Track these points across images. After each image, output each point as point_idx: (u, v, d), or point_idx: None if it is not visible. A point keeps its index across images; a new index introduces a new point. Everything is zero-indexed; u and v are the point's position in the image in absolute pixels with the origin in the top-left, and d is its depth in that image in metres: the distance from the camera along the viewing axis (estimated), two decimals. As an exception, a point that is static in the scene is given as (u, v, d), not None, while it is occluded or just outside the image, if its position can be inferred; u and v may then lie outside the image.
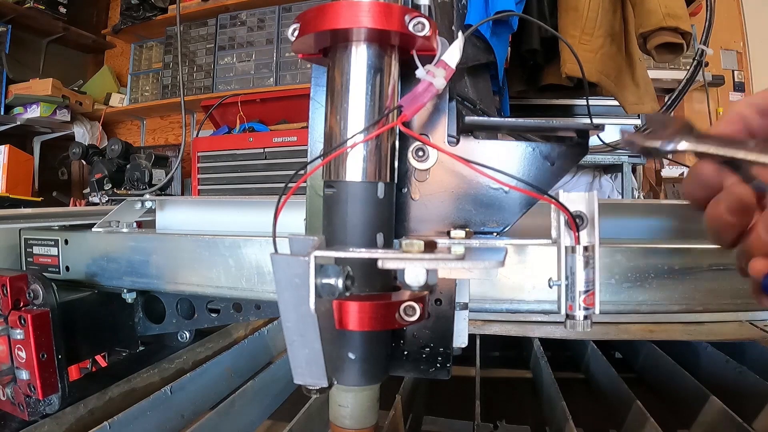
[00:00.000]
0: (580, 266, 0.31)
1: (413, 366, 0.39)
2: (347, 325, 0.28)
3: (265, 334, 0.84)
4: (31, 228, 0.71)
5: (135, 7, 2.70)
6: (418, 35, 0.31)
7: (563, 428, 0.52)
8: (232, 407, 0.60)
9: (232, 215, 0.70)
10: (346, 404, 0.35)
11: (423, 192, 0.39)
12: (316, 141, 0.39)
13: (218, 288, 0.58)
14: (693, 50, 1.08)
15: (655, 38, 1.04)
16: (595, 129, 0.37)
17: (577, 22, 1.13)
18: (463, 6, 0.60)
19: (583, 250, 0.31)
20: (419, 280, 0.26)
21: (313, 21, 0.31)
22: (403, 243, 0.25)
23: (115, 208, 0.71)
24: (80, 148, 2.08)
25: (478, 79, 0.71)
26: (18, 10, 2.50)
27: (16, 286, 0.53)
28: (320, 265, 0.24)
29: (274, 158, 1.91)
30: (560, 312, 0.32)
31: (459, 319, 0.39)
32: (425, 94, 0.33)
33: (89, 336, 0.65)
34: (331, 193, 0.33)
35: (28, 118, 2.52)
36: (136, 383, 0.65)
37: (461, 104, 0.44)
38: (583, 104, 1.73)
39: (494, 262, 0.26)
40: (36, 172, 2.61)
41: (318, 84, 0.40)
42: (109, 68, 3.03)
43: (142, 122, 3.05)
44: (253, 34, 2.50)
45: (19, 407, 0.54)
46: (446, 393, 0.77)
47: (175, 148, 2.85)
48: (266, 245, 0.55)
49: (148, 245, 0.62)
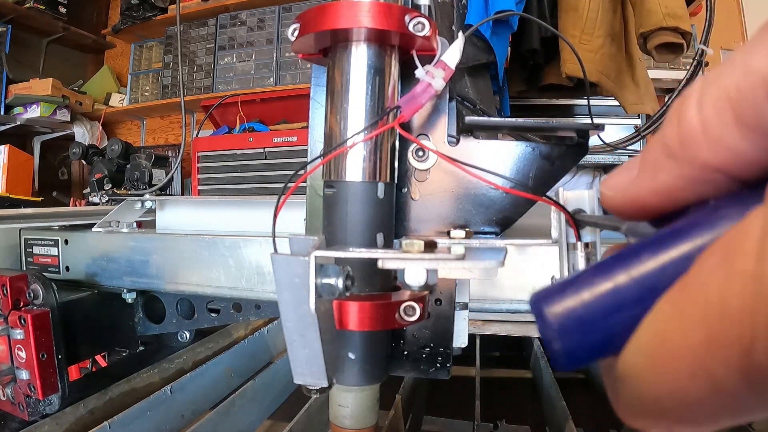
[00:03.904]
0: (582, 264, 0.31)
1: (413, 366, 0.39)
2: (347, 325, 0.28)
3: (265, 334, 0.84)
4: (31, 228, 0.71)
5: (135, 7, 2.70)
6: (418, 35, 0.31)
7: (563, 428, 0.52)
8: (232, 407, 0.60)
9: (232, 215, 0.70)
10: (346, 404, 0.35)
11: (423, 192, 0.39)
12: (316, 141, 0.39)
13: (218, 288, 0.58)
14: (693, 50, 1.08)
15: (655, 38, 1.04)
16: (595, 129, 0.37)
17: (577, 22, 1.13)
18: (463, 6, 0.60)
19: (584, 246, 0.31)
20: (419, 280, 0.26)
21: (313, 21, 0.31)
22: (403, 243, 0.25)
23: (115, 208, 0.71)
24: (80, 148, 2.08)
25: (479, 79, 0.71)
26: (18, 10, 2.50)
27: (16, 286, 0.53)
28: (320, 265, 0.24)
29: (274, 158, 1.91)
30: None
31: (459, 319, 0.39)
32: (424, 94, 0.33)
33: (89, 336, 0.65)
34: (331, 193, 0.33)
35: (28, 118, 2.52)
36: (136, 383, 0.65)
37: (461, 104, 0.44)
38: (583, 104, 1.73)
39: (494, 262, 0.26)
40: (36, 172, 2.60)
41: (318, 84, 0.40)
42: (109, 68, 3.03)
43: (142, 122, 3.05)
44: (253, 34, 2.50)
45: (19, 407, 0.54)
46: (446, 393, 0.77)
47: (175, 148, 2.85)
48: (266, 245, 0.55)
49: (148, 245, 0.62)
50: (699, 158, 0.12)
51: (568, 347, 0.13)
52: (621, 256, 0.13)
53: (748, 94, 0.11)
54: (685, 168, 0.12)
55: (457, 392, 0.74)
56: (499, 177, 0.36)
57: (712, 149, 0.12)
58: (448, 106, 0.38)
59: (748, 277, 0.09)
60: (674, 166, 0.13)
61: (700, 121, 0.12)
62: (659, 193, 0.14)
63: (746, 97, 0.11)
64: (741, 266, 0.10)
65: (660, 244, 0.12)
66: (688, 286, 0.11)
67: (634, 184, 0.14)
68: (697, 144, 0.12)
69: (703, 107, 0.12)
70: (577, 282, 0.13)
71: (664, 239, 0.12)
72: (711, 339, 0.10)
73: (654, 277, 0.12)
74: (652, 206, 0.14)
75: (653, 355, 0.11)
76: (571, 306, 0.13)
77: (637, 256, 0.13)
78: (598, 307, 0.13)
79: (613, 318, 0.12)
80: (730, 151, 0.11)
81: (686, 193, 0.13)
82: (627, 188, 0.15)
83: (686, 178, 0.13)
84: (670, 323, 0.11)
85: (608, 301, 0.13)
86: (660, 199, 0.14)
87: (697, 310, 0.10)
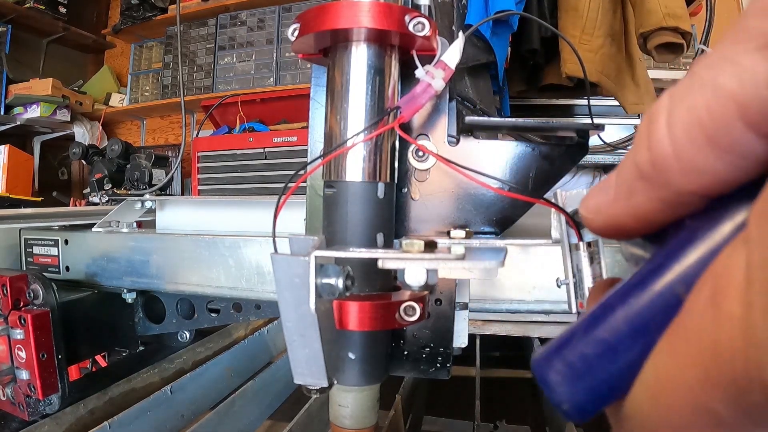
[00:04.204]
0: (585, 263, 0.31)
1: (413, 366, 0.39)
2: (347, 325, 0.28)
3: (265, 334, 0.84)
4: (31, 228, 0.71)
5: (135, 7, 2.70)
6: (418, 35, 0.31)
7: (563, 428, 0.52)
8: (232, 407, 0.60)
9: (232, 215, 0.70)
10: (346, 404, 0.35)
11: (423, 192, 0.39)
12: (316, 141, 0.39)
13: (218, 288, 0.58)
14: (693, 50, 1.08)
15: (655, 38, 1.04)
16: (595, 129, 0.37)
17: (577, 22, 1.13)
18: (463, 6, 0.60)
19: (586, 246, 0.31)
20: (419, 281, 0.26)
21: (313, 21, 0.31)
22: (403, 243, 0.25)
23: (115, 208, 0.71)
24: (80, 148, 2.08)
25: (479, 79, 0.71)
26: (18, 10, 2.50)
27: (16, 286, 0.53)
28: (320, 265, 0.24)
29: (274, 158, 1.91)
30: (571, 311, 0.32)
31: (459, 319, 0.39)
32: (423, 95, 0.33)
33: (89, 336, 0.65)
34: (331, 193, 0.33)
35: (28, 118, 2.52)
36: (136, 383, 0.65)
37: (461, 104, 0.44)
38: (583, 104, 1.73)
39: (494, 262, 0.26)
40: (36, 172, 2.60)
41: (318, 84, 0.40)
42: (109, 68, 3.03)
43: (142, 122, 3.05)
44: (253, 34, 2.50)
45: (19, 407, 0.54)
46: (446, 393, 0.77)
47: (175, 148, 2.85)
48: (266, 245, 0.55)
49: (148, 245, 0.62)
50: (673, 182, 0.12)
51: (576, 404, 0.13)
52: (608, 305, 0.13)
53: (721, 115, 0.10)
54: (660, 191, 0.12)
55: (457, 392, 0.74)
56: (495, 180, 0.36)
57: (685, 173, 0.11)
58: (448, 106, 0.38)
59: (736, 320, 0.10)
60: (649, 188, 0.12)
61: (671, 144, 0.11)
62: (635, 216, 0.13)
63: (718, 118, 0.10)
64: (728, 309, 0.10)
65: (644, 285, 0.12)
66: (681, 328, 0.11)
67: (610, 207, 0.14)
68: (669, 168, 0.12)
69: (673, 129, 0.11)
70: (573, 341, 0.13)
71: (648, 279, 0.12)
72: (707, 379, 0.10)
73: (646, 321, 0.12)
74: (630, 228, 0.14)
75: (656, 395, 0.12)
76: (571, 366, 0.13)
77: (625, 303, 0.13)
78: (598, 361, 0.13)
79: (615, 367, 0.13)
80: (704, 174, 0.11)
81: (664, 214, 0.13)
82: (603, 210, 0.14)
83: (662, 201, 0.12)
84: (668, 365, 0.11)
85: (606, 352, 0.13)
86: (636, 221, 0.13)
87: (692, 352, 0.11)
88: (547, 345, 0.14)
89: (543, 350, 0.14)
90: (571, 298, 0.32)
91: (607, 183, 0.14)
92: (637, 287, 0.13)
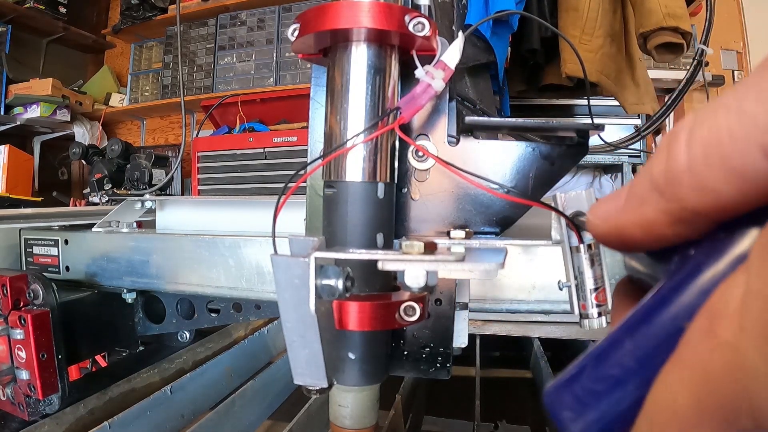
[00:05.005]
0: (587, 265, 0.31)
1: (413, 366, 0.39)
2: (347, 326, 0.28)
3: (265, 334, 0.84)
4: (31, 228, 0.71)
5: (135, 7, 2.70)
6: (418, 35, 0.31)
7: (563, 428, 0.52)
8: (232, 407, 0.60)
9: (232, 215, 0.70)
10: (346, 404, 0.35)
11: (423, 192, 0.39)
12: (316, 141, 0.39)
13: (218, 288, 0.58)
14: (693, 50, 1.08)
15: (655, 38, 1.04)
16: (595, 129, 0.37)
17: (577, 22, 1.13)
18: (463, 6, 0.60)
19: (587, 248, 0.31)
20: (419, 282, 0.26)
21: (313, 21, 0.31)
22: (403, 244, 0.25)
23: (115, 208, 0.71)
24: (80, 148, 2.08)
25: (479, 79, 0.71)
26: (18, 10, 2.50)
27: (16, 286, 0.53)
28: (320, 266, 0.24)
29: (274, 158, 1.91)
30: (574, 313, 0.32)
31: (459, 319, 0.39)
32: (423, 95, 0.33)
33: (89, 336, 0.65)
34: (331, 193, 0.33)
35: (28, 118, 2.52)
36: (136, 383, 0.65)
37: (461, 104, 0.44)
38: (583, 104, 1.73)
39: (494, 263, 0.26)
40: (36, 172, 2.61)
41: (318, 84, 0.40)
42: (109, 68, 3.03)
43: (142, 122, 3.05)
44: (253, 34, 2.50)
45: (19, 407, 0.54)
46: (446, 393, 0.77)
47: (175, 148, 2.85)
48: (266, 245, 0.55)
49: (148, 245, 0.62)
50: (682, 198, 0.12)
51: None
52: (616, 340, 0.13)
53: (741, 139, 0.10)
54: (669, 204, 0.12)
55: (457, 392, 0.74)
56: (495, 183, 0.36)
57: (695, 190, 0.12)
58: (448, 106, 0.38)
59: (729, 348, 0.10)
60: (659, 200, 0.13)
61: (687, 160, 0.12)
62: (642, 226, 0.13)
63: (738, 141, 0.11)
64: (723, 337, 0.10)
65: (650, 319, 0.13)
66: (678, 358, 0.11)
67: (619, 214, 0.14)
68: (681, 182, 0.12)
69: (691, 145, 0.12)
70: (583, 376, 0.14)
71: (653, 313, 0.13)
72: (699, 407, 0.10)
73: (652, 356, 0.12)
74: (635, 239, 0.14)
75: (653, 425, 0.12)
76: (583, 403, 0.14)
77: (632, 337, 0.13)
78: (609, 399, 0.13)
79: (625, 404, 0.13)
80: (713, 194, 0.11)
81: (669, 229, 0.13)
82: (611, 217, 0.14)
83: (670, 214, 0.13)
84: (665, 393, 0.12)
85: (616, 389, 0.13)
86: (643, 232, 0.14)
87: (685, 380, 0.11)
88: (559, 377, 0.15)
89: (555, 383, 0.14)
90: (573, 300, 0.32)
91: (620, 192, 0.15)
92: (643, 321, 0.13)
